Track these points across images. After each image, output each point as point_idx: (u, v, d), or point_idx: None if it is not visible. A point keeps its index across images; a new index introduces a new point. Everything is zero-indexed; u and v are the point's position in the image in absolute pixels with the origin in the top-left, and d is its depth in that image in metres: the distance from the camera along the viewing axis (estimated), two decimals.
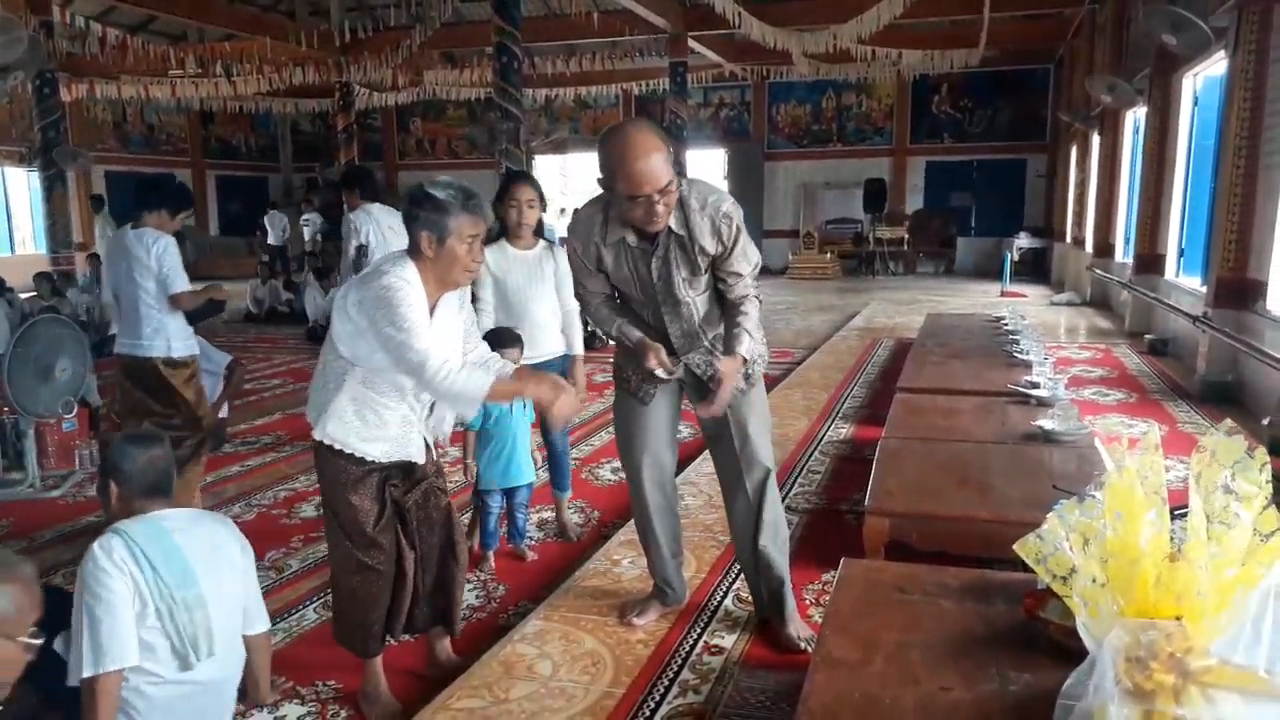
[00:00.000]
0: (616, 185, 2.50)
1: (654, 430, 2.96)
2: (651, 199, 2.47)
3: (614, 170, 2.49)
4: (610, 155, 2.50)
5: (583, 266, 2.79)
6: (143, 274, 4.13)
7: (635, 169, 2.45)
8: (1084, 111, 13.24)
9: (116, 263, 4.26)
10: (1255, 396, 6.03)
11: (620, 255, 2.71)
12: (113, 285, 4.31)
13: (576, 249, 2.76)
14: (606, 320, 2.84)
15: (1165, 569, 1.38)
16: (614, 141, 2.51)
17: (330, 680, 2.81)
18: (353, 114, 16.53)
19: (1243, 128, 6.42)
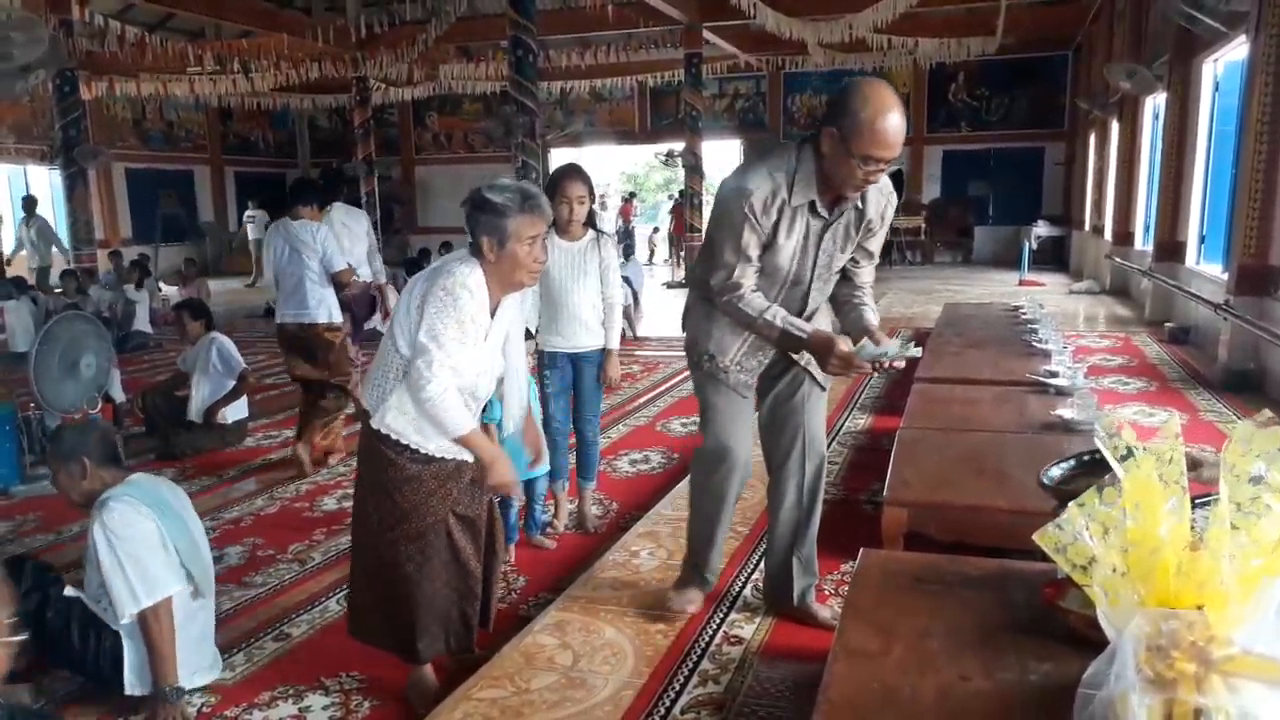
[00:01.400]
0: (855, 139, 2.30)
1: (749, 424, 2.87)
2: (884, 165, 2.35)
3: (861, 123, 2.28)
4: (863, 105, 2.29)
5: (754, 234, 2.48)
6: (309, 256, 4.99)
7: (889, 126, 2.29)
8: (1103, 98, 13.12)
9: (278, 248, 5.04)
10: (1277, 385, 5.98)
11: (795, 222, 2.50)
12: (274, 267, 5.08)
13: (755, 211, 2.45)
14: (760, 308, 2.53)
15: (1186, 558, 1.38)
16: (870, 92, 2.32)
17: (353, 671, 2.84)
18: (369, 109, 16.58)
19: (1264, 113, 6.35)
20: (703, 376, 2.80)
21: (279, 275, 5.08)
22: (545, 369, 3.84)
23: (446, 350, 2.35)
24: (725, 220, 2.52)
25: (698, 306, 2.78)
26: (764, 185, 2.44)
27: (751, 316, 2.53)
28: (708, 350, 2.73)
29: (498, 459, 2.51)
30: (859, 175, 2.36)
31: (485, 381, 2.56)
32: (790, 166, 2.45)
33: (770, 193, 2.44)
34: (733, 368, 2.72)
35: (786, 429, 2.85)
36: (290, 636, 3.13)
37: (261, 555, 3.88)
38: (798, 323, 2.53)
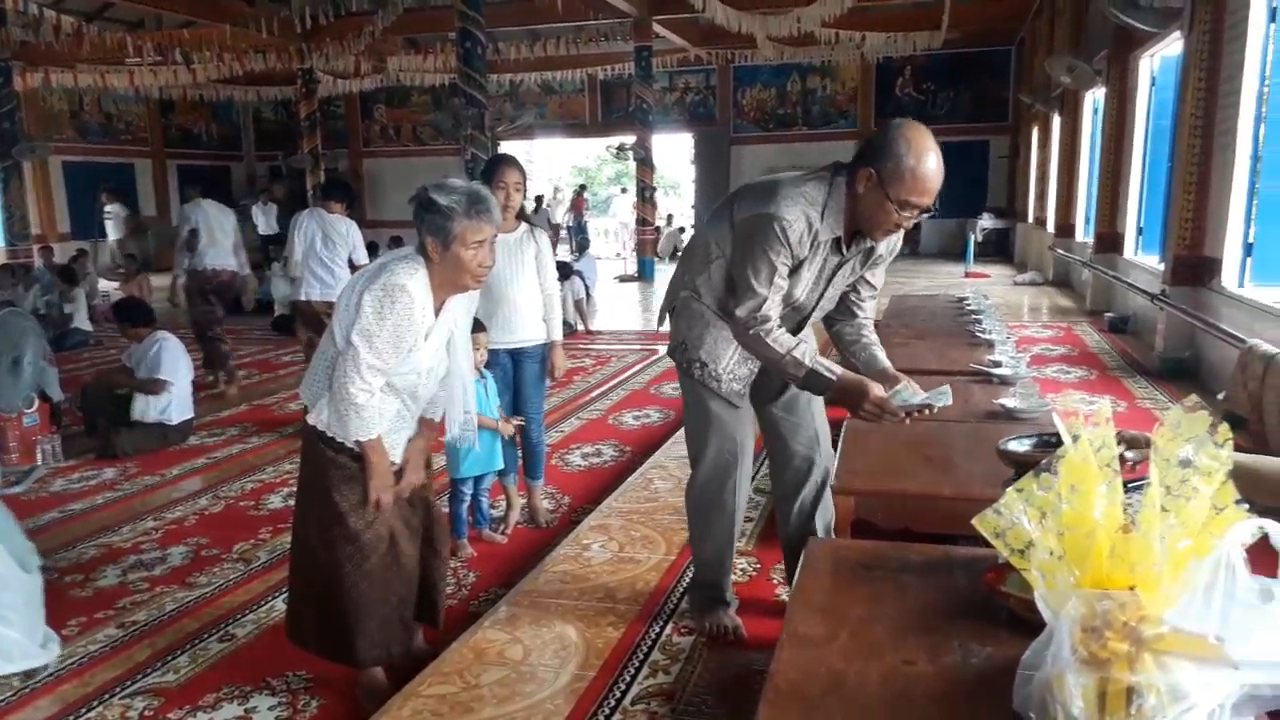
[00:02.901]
0: (893, 184, 2.24)
1: (749, 436, 2.74)
2: (920, 211, 2.28)
3: (903, 168, 2.22)
4: (906, 149, 2.23)
5: (785, 266, 2.37)
6: (341, 244, 5.93)
7: (930, 172, 2.23)
8: (1045, 93, 13.36)
9: (310, 234, 5.89)
10: (1211, 372, 6.16)
11: (817, 255, 2.42)
12: (303, 250, 5.88)
13: (790, 243, 2.34)
14: (788, 346, 2.38)
15: (1119, 540, 1.41)
16: (912, 136, 2.25)
17: (301, 670, 2.80)
18: (315, 101, 16.33)
19: (1198, 108, 6.52)
20: (693, 385, 2.66)
21: (306, 257, 5.88)
22: (484, 367, 3.80)
23: (377, 351, 2.32)
24: (758, 248, 2.36)
25: (688, 310, 2.64)
26: (800, 219, 2.34)
27: (779, 354, 2.38)
28: (698, 358, 2.61)
29: (379, 474, 2.47)
30: (893, 220, 2.30)
31: (427, 382, 2.53)
32: (823, 200, 2.36)
33: (807, 225, 2.35)
34: (725, 376, 2.61)
35: (798, 433, 2.77)
36: (235, 637, 3.08)
37: (206, 555, 3.81)
38: (827, 364, 2.40)
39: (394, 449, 2.55)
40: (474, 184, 2.45)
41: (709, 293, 2.58)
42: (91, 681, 2.81)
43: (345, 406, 2.37)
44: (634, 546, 3.59)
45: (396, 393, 2.49)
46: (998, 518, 1.47)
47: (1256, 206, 6.05)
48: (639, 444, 5.27)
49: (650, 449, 5.06)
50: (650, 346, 8.88)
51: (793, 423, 2.77)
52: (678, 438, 5.21)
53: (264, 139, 22.69)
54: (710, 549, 2.81)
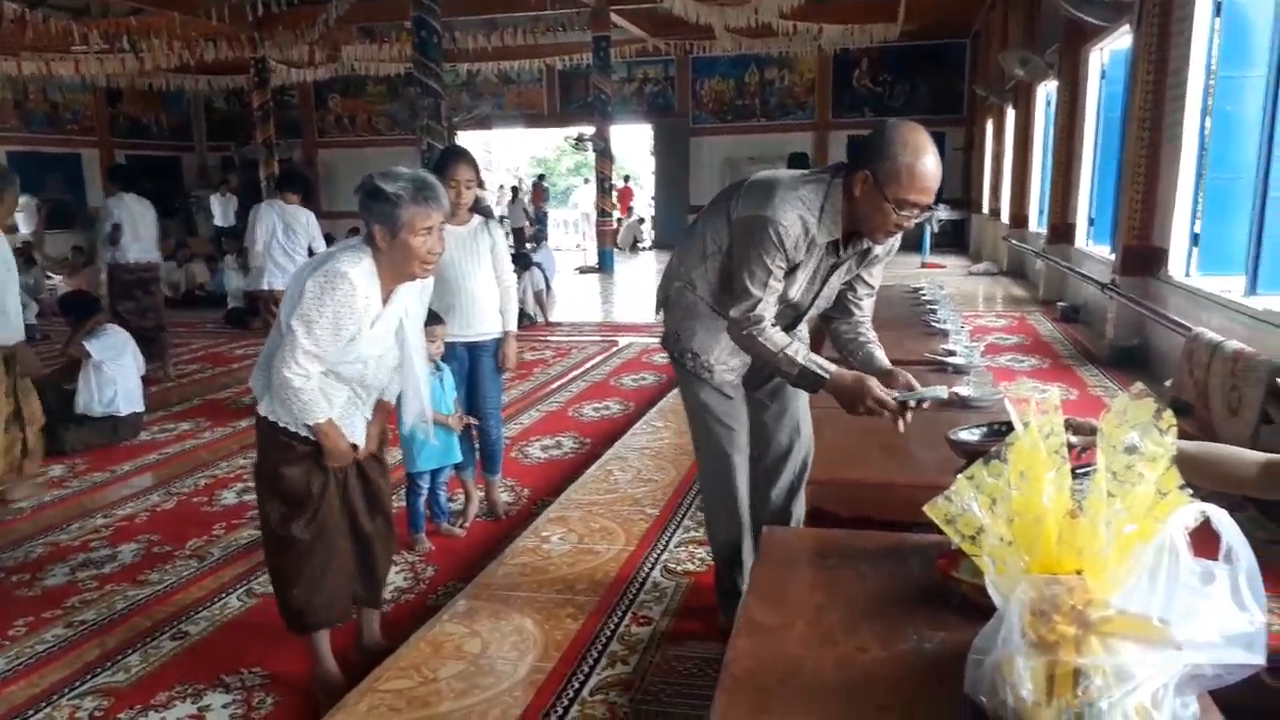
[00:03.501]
0: (891, 184, 2.22)
1: (744, 425, 2.71)
2: (918, 211, 2.25)
3: (899, 167, 2.21)
4: (901, 148, 2.22)
5: (782, 268, 2.36)
6: (301, 233, 6.29)
7: (928, 170, 2.21)
8: (999, 85, 13.53)
9: (271, 225, 6.21)
10: (1159, 360, 6.28)
11: (813, 257, 2.41)
12: (265, 240, 6.20)
13: (787, 247, 2.33)
14: (781, 344, 2.38)
15: (1067, 526, 1.43)
16: (908, 135, 2.24)
17: (256, 667, 2.77)
18: (269, 91, 16.04)
19: (1146, 100, 6.63)
20: (687, 376, 2.66)
21: (268, 247, 6.20)
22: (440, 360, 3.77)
23: (315, 338, 2.31)
24: (753, 251, 2.35)
25: (681, 300, 2.62)
26: (797, 223, 2.32)
27: (772, 352, 2.38)
28: (691, 348, 2.60)
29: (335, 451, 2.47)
30: (892, 220, 2.28)
31: (375, 370, 2.51)
32: (820, 202, 2.34)
33: (803, 230, 2.33)
34: (717, 367, 2.60)
35: (782, 421, 2.76)
36: (188, 635, 3.03)
37: (158, 552, 3.75)
38: (821, 361, 2.39)
39: (350, 432, 2.54)
40: (420, 171, 2.43)
41: (704, 286, 2.57)
42: (39, 683, 2.76)
43: (284, 391, 2.36)
44: (593, 538, 3.59)
45: (345, 381, 2.47)
46: (949, 504, 1.48)
47: (1203, 198, 6.17)
48: (599, 436, 5.26)
49: (610, 440, 5.06)
50: (611, 338, 8.88)
51: (776, 410, 2.77)
52: (637, 429, 5.22)
53: (216, 129, 22.30)
54: (721, 538, 2.79)
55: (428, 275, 2.50)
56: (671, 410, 5.62)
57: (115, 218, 7.18)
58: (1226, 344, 4.60)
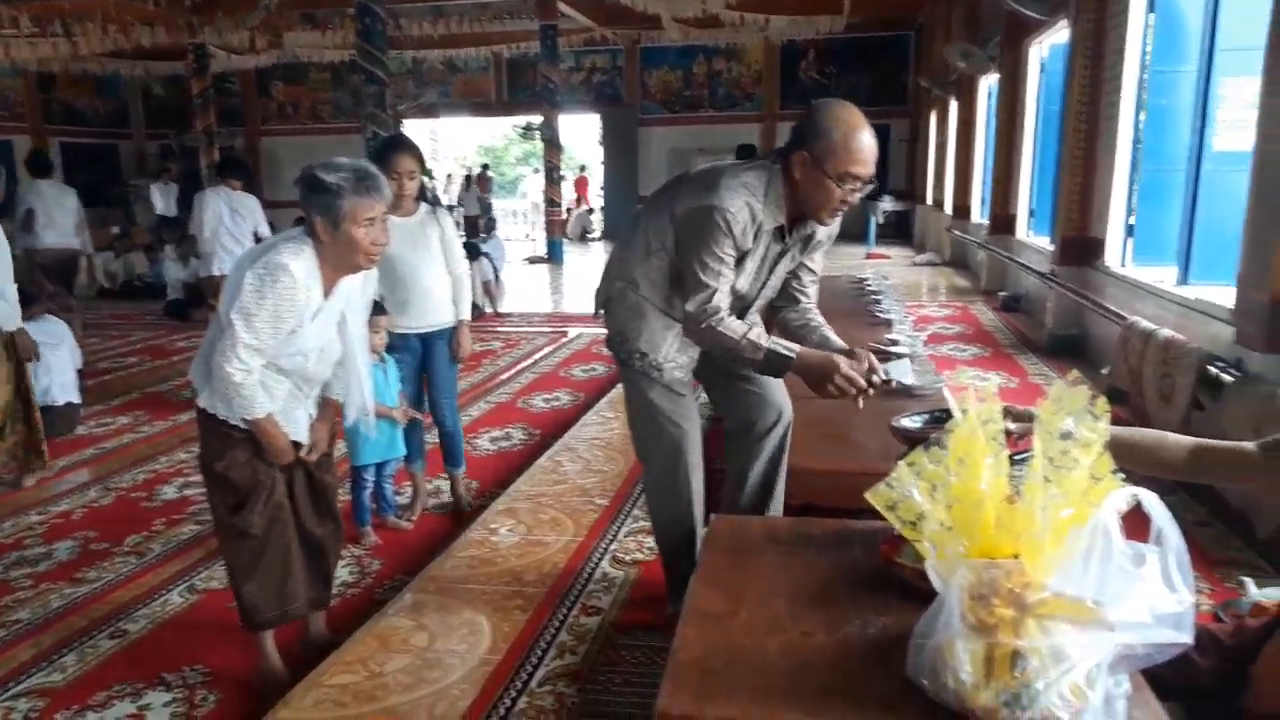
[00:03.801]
0: (829, 160, 2.23)
1: (696, 424, 2.67)
2: (862, 184, 2.26)
3: (834, 142, 2.22)
4: (834, 124, 2.23)
5: (732, 256, 2.35)
6: (248, 218, 6.48)
7: (864, 142, 2.23)
8: (942, 78, 13.71)
9: (219, 211, 6.38)
10: (1097, 348, 6.43)
11: (760, 245, 2.40)
12: (213, 227, 6.36)
13: (735, 234, 2.31)
14: (741, 331, 2.35)
15: (1005, 511, 1.46)
16: (843, 111, 2.26)
17: (198, 665, 2.73)
18: (209, 78, 15.68)
19: (1083, 94, 6.78)
20: (635, 375, 2.60)
21: (217, 234, 6.37)
22: (393, 353, 3.70)
23: (255, 331, 2.27)
24: (702, 241, 2.33)
25: (624, 300, 2.57)
26: (743, 209, 2.31)
27: (734, 340, 2.35)
28: (638, 348, 2.55)
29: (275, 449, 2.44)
30: (837, 197, 2.28)
31: (317, 363, 2.48)
32: (763, 188, 2.34)
33: (750, 215, 2.32)
34: (666, 365, 2.56)
35: (764, 404, 2.72)
36: (127, 633, 2.97)
37: (95, 549, 3.66)
38: (784, 343, 2.38)
39: (292, 427, 2.50)
40: (361, 161, 2.40)
41: (648, 286, 2.53)
42: None
43: (224, 385, 2.32)
44: (542, 529, 3.59)
45: (286, 374, 2.43)
46: (890, 491, 1.51)
47: (1137, 190, 6.32)
48: (548, 427, 5.25)
49: (560, 431, 5.05)
50: (560, 329, 8.85)
51: (756, 393, 2.72)
52: (587, 420, 5.21)
53: (155, 116, 21.73)
54: (673, 539, 2.74)
55: (371, 267, 2.46)
56: (621, 400, 5.60)
57: (28, 204, 7.53)
58: (1159, 332, 4.73)
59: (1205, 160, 5.18)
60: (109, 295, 11.59)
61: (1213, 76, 5.13)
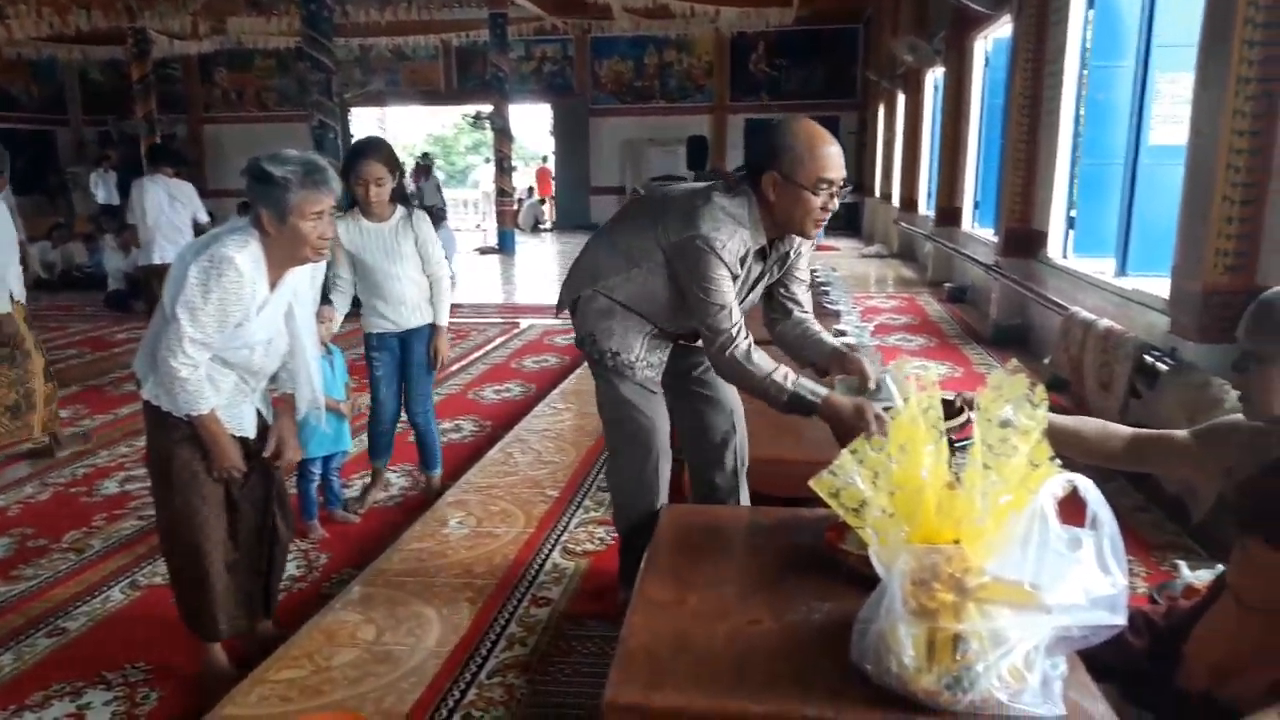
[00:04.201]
0: (800, 171, 2.24)
1: (665, 420, 2.66)
2: (839, 187, 2.28)
3: (801, 153, 2.24)
4: (795, 138, 2.25)
5: (730, 279, 2.33)
6: (186, 205, 6.56)
7: (830, 148, 2.25)
8: (890, 71, 13.85)
9: (158, 199, 6.41)
10: (1039, 338, 6.57)
11: (744, 267, 2.40)
12: (154, 215, 6.40)
13: (728, 261, 2.30)
14: (768, 370, 2.31)
15: (945, 497, 1.49)
16: (798, 124, 2.29)
17: (140, 662, 2.68)
18: (149, 63, 15.27)
19: (1025, 88, 6.90)
20: (606, 374, 2.60)
21: (158, 221, 6.40)
22: (373, 351, 3.69)
23: (200, 325, 2.23)
24: (702, 272, 2.31)
25: (593, 304, 2.57)
26: (734, 239, 2.31)
27: (759, 377, 2.30)
28: (610, 348, 2.55)
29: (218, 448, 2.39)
30: (817, 205, 2.27)
31: (264, 356, 2.44)
32: (746, 214, 2.34)
33: (741, 243, 2.32)
34: (638, 364, 2.56)
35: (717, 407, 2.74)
36: (66, 631, 2.90)
37: (32, 546, 3.58)
38: (811, 385, 2.30)
39: (237, 421, 2.46)
40: (309, 153, 2.36)
41: (626, 295, 2.51)
42: None
43: (169, 380, 2.27)
44: (492, 521, 3.58)
45: (232, 367, 2.39)
46: (833, 479, 1.53)
47: (1078, 183, 6.45)
48: (499, 418, 5.23)
49: (511, 423, 5.03)
50: (512, 320, 8.81)
51: (710, 397, 2.74)
52: (538, 411, 5.20)
53: (93, 102, 21.14)
54: (636, 527, 2.71)
55: (319, 260, 2.43)
56: (574, 392, 5.62)
57: None
58: (1099, 322, 4.84)
59: (1142, 154, 5.31)
60: (46, 286, 11.28)
61: (1149, 72, 5.26)
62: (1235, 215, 3.64)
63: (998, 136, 8.09)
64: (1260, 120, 3.54)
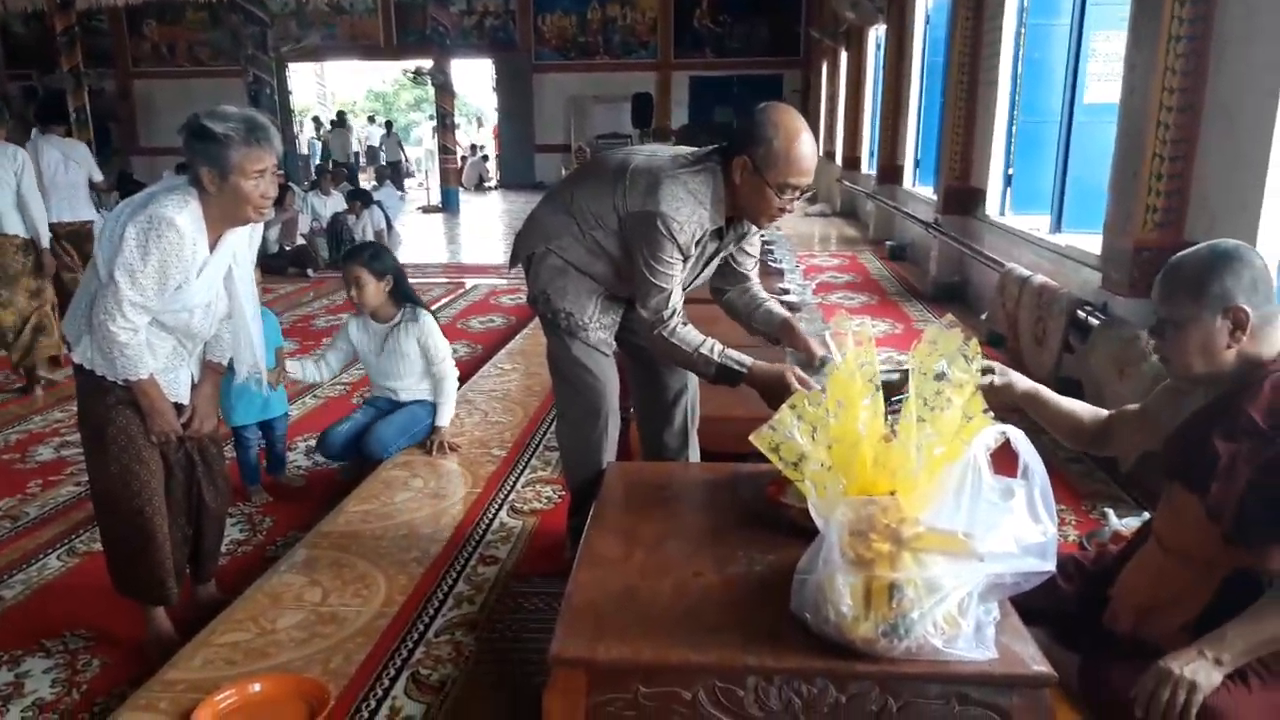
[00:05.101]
0: (769, 169, 2.23)
1: (615, 379, 2.67)
2: (800, 192, 2.29)
3: (775, 150, 2.22)
4: (775, 132, 2.22)
5: (679, 259, 2.34)
6: (81, 164, 6.10)
7: (804, 152, 2.24)
8: (833, 28, 13.85)
9: (53, 160, 5.96)
10: (977, 294, 6.69)
11: (700, 246, 2.40)
12: (49, 174, 5.93)
13: (681, 242, 2.30)
14: (696, 343, 2.37)
15: (881, 449, 1.53)
16: (785, 117, 2.25)
17: (80, 630, 2.64)
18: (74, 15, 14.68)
19: (965, 46, 6.96)
20: (558, 333, 2.60)
21: (53, 183, 5.95)
22: (368, 403, 3.87)
23: (140, 288, 2.18)
24: (650, 248, 2.32)
25: (546, 262, 2.54)
26: (690, 220, 2.30)
27: (686, 352, 2.37)
28: (563, 308, 2.54)
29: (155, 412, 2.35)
30: (775, 205, 2.30)
31: (202, 320, 2.39)
32: (709, 195, 2.33)
33: (697, 226, 2.32)
34: (591, 325, 2.55)
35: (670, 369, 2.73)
36: (2, 599, 2.85)
37: None
38: (737, 356, 2.37)
39: (174, 387, 2.42)
40: (249, 110, 2.30)
41: (580, 255, 2.49)
42: None
43: (108, 344, 2.22)
44: (439, 482, 3.57)
45: (169, 331, 2.34)
46: (773, 433, 1.56)
47: (1015, 141, 6.54)
48: None
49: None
50: (457, 280, 8.73)
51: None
52: (485, 372, 5.18)
53: (15, 56, 20.23)
54: (584, 485, 2.72)
55: (260, 220, 2.38)
56: (520, 352, 5.60)
57: None
58: (1033, 278, 4.94)
59: (1077, 112, 5.39)
60: None
61: (1084, 30, 5.33)
62: (1164, 172, 3.73)
63: (938, 95, 8.16)
64: (1189, 78, 3.61)
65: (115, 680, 2.42)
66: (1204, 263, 1.67)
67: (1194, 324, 1.66)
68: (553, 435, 4.04)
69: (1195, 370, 1.70)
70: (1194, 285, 1.66)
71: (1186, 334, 1.67)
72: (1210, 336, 1.65)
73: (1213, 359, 1.67)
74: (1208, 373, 1.69)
